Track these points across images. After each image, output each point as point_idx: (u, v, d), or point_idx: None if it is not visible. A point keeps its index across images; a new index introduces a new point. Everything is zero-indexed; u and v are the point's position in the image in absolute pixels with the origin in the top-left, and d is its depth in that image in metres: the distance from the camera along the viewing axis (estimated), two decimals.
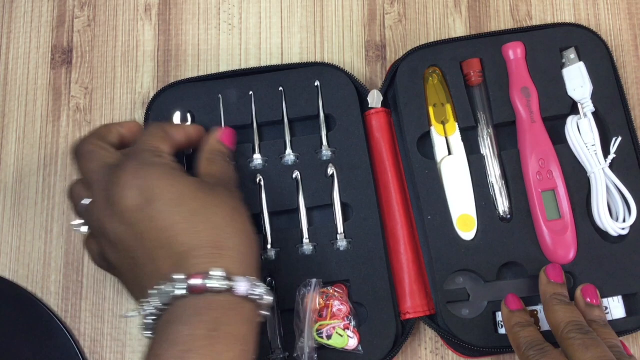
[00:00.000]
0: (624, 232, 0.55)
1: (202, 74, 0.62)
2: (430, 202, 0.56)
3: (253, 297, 0.43)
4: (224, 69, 0.63)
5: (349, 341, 0.54)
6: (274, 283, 0.55)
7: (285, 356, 0.53)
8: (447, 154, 0.57)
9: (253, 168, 0.57)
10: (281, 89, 0.58)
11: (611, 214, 0.56)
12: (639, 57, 0.63)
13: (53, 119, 0.62)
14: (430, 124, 0.57)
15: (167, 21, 0.64)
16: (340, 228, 0.56)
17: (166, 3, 0.64)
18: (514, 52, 0.58)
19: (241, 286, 0.43)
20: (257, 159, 0.57)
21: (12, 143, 0.62)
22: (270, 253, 0.55)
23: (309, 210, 0.56)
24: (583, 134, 0.56)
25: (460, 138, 0.57)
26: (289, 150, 0.57)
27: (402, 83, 0.58)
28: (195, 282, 0.42)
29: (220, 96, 0.58)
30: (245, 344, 0.42)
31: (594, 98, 0.57)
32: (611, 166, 0.56)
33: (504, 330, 0.53)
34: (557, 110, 0.57)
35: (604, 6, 0.64)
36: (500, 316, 0.54)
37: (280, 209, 0.56)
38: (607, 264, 0.55)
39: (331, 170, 0.56)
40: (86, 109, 0.62)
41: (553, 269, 0.52)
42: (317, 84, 0.58)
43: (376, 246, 0.55)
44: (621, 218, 0.55)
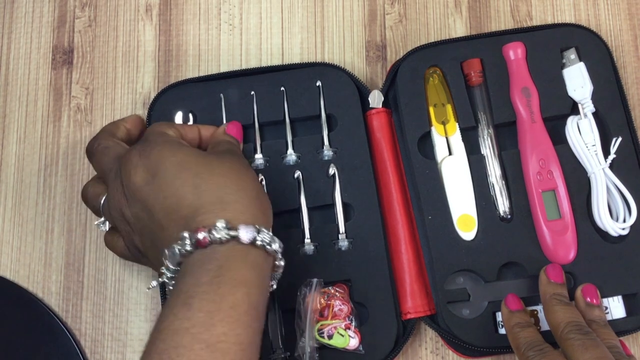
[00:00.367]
0: (624, 232, 0.55)
1: (202, 74, 0.62)
2: (431, 202, 0.56)
3: (259, 243, 0.44)
4: (224, 69, 0.63)
5: (350, 341, 0.54)
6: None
7: (286, 356, 0.53)
8: (448, 154, 0.57)
9: (254, 168, 0.57)
10: (282, 88, 0.58)
11: (611, 214, 0.56)
12: (639, 57, 0.63)
13: (54, 119, 0.62)
14: (430, 124, 0.57)
15: (167, 21, 0.64)
16: (341, 228, 0.56)
17: (167, 3, 0.64)
18: (515, 53, 0.58)
19: (244, 233, 0.43)
20: (259, 158, 0.57)
21: (13, 143, 0.62)
22: None
23: (310, 210, 0.56)
24: (583, 134, 0.56)
25: (461, 138, 0.57)
26: (290, 150, 0.57)
27: (402, 83, 0.58)
28: (199, 236, 0.43)
29: (221, 96, 0.58)
30: (250, 287, 0.42)
31: (594, 98, 0.57)
32: (611, 166, 0.56)
33: (504, 330, 0.53)
34: (558, 111, 0.57)
35: (604, 6, 0.64)
36: (500, 316, 0.54)
37: (281, 209, 0.56)
38: (607, 264, 0.55)
39: (332, 170, 0.57)
40: (87, 109, 0.62)
41: (553, 269, 0.52)
42: (319, 84, 0.58)
43: (377, 246, 0.55)
44: (621, 218, 0.56)
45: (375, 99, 0.59)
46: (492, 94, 0.58)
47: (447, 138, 0.57)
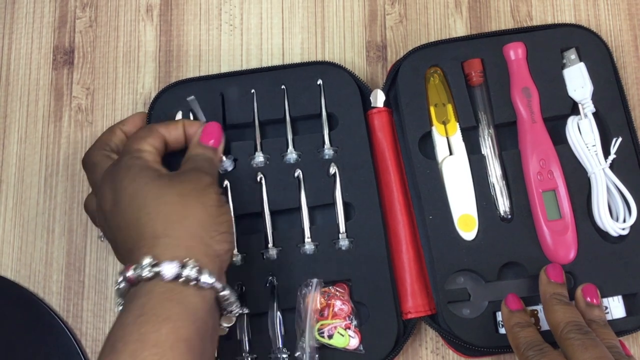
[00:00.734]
0: (624, 232, 0.55)
1: (203, 74, 0.62)
2: (431, 202, 0.56)
3: (182, 280, 0.43)
4: (225, 69, 0.63)
5: (350, 341, 0.54)
6: (275, 282, 0.55)
7: (286, 356, 0.53)
8: (448, 154, 0.57)
9: (254, 166, 0.57)
10: (283, 87, 0.58)
11: (611, 214, 0.56)
12: (639, 57, 0.63)
13: (55, 119, 0.62)
14: (431, 124, 0.57)
15: (168, 22, 0.64)
16: (342, 227, 0.56)
17: (167, 4, 0.64)
18: (515, 53, 0.58)
19: (167, 269, 0.43)
20: (259, 156, 0.57)
21: (14, 143, 0.62)
22: (272, 252, 0.55)
23: (310, 209, 0.56)
24: (583, 135, 0.56)
25: (461, 138, 0.57)
26: (290, 149, 0.57)
27: (403, 83, 0.58)
28: (128, 274, 0.44)
29: (222, 94, 0.58)
30: (177, 321, 0.42)
31: (595, 98, 0.57)
32: (611, 166, 0.56)
33: (504, 330, 0.53)
34: (558, 111, 0.58)
35: (604, 7, 0.64)
36: (500, 316, 0.54)
37: (281, 208, 0.56)
38: (607, 264, 0.55)
39: (333, 169, 0.57)
40: (88, 109, 0.62)
41: (553, 268, 0.52)
42: (320, 82, 0.58)
43: (378, 246, 0.55)
44: (621, 218, 0.56)
45: (377, 98, 0.59)
46: (493, 93, 0.58)
47: (447, 138, 0.57)
